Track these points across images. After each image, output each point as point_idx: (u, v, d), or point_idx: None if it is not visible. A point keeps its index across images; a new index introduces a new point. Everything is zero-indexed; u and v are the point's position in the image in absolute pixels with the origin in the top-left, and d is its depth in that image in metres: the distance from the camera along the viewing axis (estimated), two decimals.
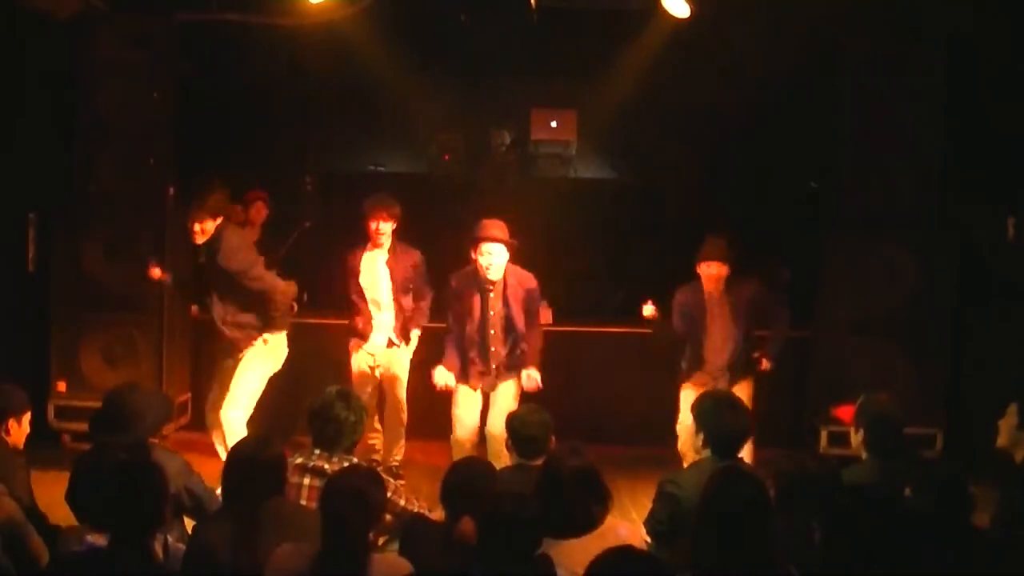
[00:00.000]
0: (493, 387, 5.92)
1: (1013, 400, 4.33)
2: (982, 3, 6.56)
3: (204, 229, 5.86)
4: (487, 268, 5.74)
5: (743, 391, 6.06)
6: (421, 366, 6.31)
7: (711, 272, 6.07)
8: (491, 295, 5.82)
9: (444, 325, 6.07)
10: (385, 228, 6.23)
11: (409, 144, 9.20)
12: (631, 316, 7.20)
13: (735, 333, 6.11)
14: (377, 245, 6.30)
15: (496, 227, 5.77)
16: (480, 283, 5.81)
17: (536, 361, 5.88)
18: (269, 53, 7.67)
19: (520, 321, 5.85)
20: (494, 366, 5.88)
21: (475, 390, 5.91)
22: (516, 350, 5.91)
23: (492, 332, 5.84)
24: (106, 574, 3.22)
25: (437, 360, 5.98)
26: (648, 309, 6.13)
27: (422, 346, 6.46)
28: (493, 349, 5.86)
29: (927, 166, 6.91)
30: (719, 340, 6.15)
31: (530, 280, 5.90)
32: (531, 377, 5.82)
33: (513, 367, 5.90)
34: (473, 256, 5.78)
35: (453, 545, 3.56)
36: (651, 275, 8.00)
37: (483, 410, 5.96)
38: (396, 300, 6.35)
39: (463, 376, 5.91)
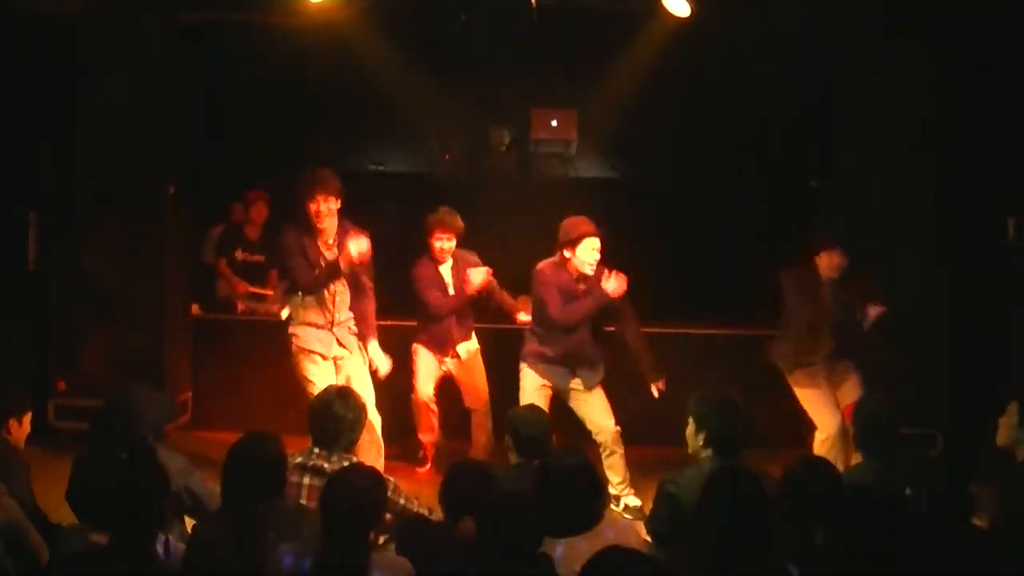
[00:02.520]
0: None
1: (1013, 399, 4.33)
2: (983, 2, 6.56)
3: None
4: (591, 264, 5.76)
5: (852, 379, 6.05)
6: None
7: (834, 261, 6.01)
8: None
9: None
10: (449, 246, 6.37)
11: (409, 144, 9.20)
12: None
13: (849, 318, 6.03)
14: (442, 261, 6.42)
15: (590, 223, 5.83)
16: (568, 275, 5.83)
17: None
18: (269, 53, 7.68)
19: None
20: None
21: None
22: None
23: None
24: (106, 574, 3.22)
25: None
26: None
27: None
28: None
29: (927, 166, 6.92)
30: (830, 325, 6.06)
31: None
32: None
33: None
34: (567, 255, 5.78)
35: (450, 545, 3.56)
36: (651, 275, 8.01)
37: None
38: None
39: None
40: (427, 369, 6.44)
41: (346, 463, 4.08)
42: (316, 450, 4.18)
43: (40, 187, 7.10)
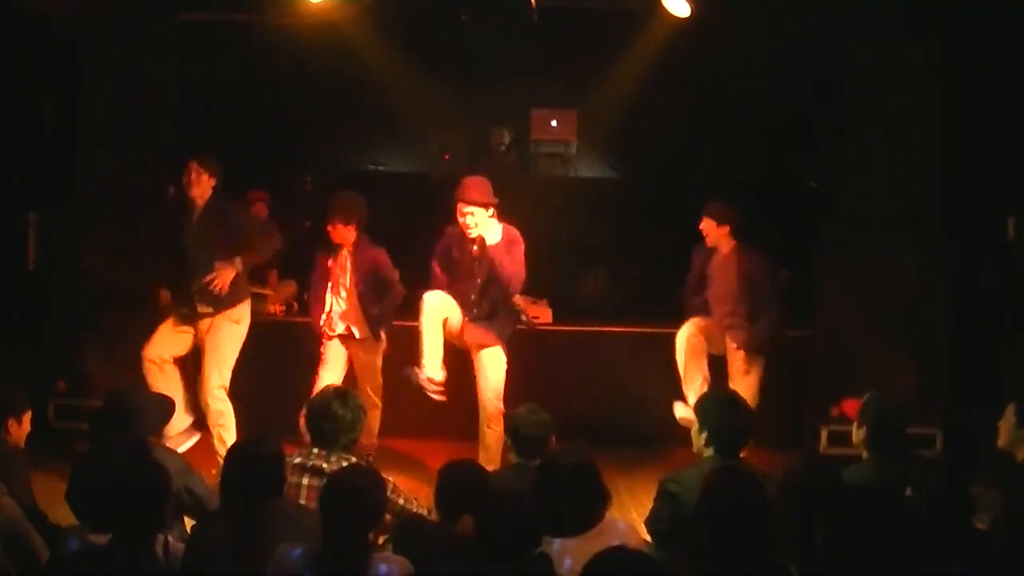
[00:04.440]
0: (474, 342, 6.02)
1: (1010, 401, 4.33)
2: (984, 2, 6.56)
3: None
4: (467, 228, 5.90)
5: (749, 370, 6.23)
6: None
7: (704, 229, 6.47)
8: (475, 246, 5.96)
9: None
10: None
11: (409, 144, 9.19)
12: (631, 316, 7.20)
13: (735, 294, 6.40)
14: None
15: (474, 188, 5.89)
16: (466, 236, 5.95)
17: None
18: (269, 53, 7.67)
19: (503, 273, 5.96)
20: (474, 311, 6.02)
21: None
22: (499, 308, 6.03)
23: (477, 280, 5.99)
24: (106, 574, 3.22)
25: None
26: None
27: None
28: (473, 298, 6.01)
29: (927, 166, 6.91)
30: (720, 294, 6.45)
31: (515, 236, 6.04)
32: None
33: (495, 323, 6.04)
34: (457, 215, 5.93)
35: (449, 545, 3.56)
36: (652, 274, 8.02)
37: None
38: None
39: None
40: None
41: (345, 463, 4.08)
42: (315, 450, 4.18)
43: (40, 187, 7.10)
